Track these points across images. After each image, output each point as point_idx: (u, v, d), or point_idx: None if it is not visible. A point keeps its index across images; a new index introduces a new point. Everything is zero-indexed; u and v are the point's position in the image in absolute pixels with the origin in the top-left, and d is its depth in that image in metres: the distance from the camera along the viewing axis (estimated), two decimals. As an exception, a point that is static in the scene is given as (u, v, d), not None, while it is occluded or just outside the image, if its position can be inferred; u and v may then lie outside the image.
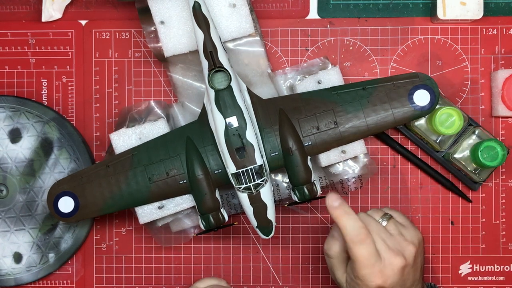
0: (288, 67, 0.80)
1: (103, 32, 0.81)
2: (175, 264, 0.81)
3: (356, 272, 0.65)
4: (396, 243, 0.67)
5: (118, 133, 0.75)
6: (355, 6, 0.81)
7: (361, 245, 0.64)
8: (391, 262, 0.65)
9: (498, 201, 0.81)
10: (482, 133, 0.78)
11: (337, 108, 0.73)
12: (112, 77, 0.81)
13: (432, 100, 0.73)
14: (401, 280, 0.66)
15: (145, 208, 0.74)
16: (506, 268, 0.81)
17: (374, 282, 0.65)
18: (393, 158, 0.81)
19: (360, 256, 0.64)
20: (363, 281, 0.65)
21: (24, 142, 0.79)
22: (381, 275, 0.65)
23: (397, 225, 0.69)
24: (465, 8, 0.77)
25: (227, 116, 0.70)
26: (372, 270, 0.65)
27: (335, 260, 0.69)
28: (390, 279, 0.65)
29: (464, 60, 0.80)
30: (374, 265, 0.65)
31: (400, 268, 0.65)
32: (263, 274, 0.81)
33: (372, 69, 0.81)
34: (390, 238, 0.67)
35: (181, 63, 0.78)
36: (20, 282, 0.80)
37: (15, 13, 0.81)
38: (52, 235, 0.80)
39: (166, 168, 0.72)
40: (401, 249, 0.66)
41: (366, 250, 0.64)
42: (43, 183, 0.80)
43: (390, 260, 0.65)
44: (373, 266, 0.65)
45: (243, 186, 0.70)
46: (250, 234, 0.81)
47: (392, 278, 0.65)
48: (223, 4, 0.75)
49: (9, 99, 0.79)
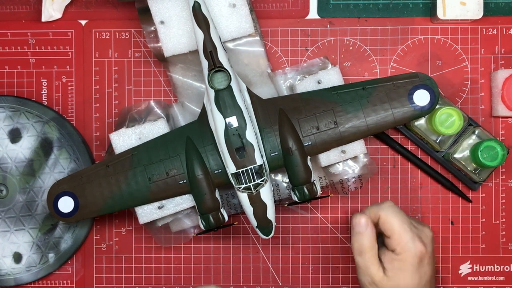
0: (288, 67, 0.80)
1: (103, 32, 0.81)
2: (175, 264, 0.81)
3: (396, 242, 0.70)
4: (418, 230, 0.71)
5: (118, 133, 0.75)
6: (355, 6, 0.81)
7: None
8: (415, 246, 0.70)
9: (498, 201, 0.81)
10: (482, 133, 0.78)
11: (337, 108, 0.73)
12: (112, 77, 0.81)
13: (432, 100, 0.73)
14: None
15: (145, 208, 0.74)
16: (506, 268, 0.81)
17: (417, 247, 0.69)
18: (393, 158, 0.81)
19: (397, 225, 0.70)
20: (405, 250, 0.69)
21: (24, 142, 0.79)
22: (420, 240, 0.70)
23: (409, 216, 0.74)
24: (465, 8, 0.77)
25: (227, 116, 0.70)
26: (411, 235, 0.70)
27: (369, 254, 0.71)
28: (429, 246, 0.71)
29: (464, 60, 0.80)
30: (411, 230, 0.70)
31: (422, 251, 0.70)
32: (263, 274, 0.81)
33: (372, 69, 0.81)
34: (415, 227, 0.72)
35: (181, 63, 0.78)
36: (20, 282, 0.80)
37: (15, 13, 0.81)
38: (52, 235, 0.80)
39: (166, 168, 0.72)
40: (421, 235, 0.71)
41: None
42: (43, 183, 0.80)
43: (416, 244, 0.70)
44: (411, 230, 0.70)
45: (243, 186, 0.70)
46: (250, 234, 0.81)
47: (429, 246, 0.71)
48: (223, 4, 0.75)
49: (9, 99, 0.79)
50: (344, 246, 0.81)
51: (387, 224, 0.71)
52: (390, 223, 0.70)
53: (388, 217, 0.71)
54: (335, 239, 0.81)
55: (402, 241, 0.70)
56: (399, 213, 0.71)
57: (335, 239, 0.81)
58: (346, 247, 0.81)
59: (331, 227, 0.81)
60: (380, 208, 0.71)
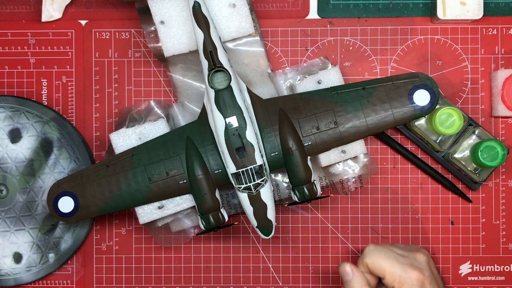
0: (288, 67, 0.80)
1: (103, 32, 0.81)
2: (175, 264, 0.81)
3: (391, 279, 0.71)
4: (409, 259, 0.72)
5: (118, 133, 0.75)
6: (355, 6, 0.81)
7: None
8: (410, 276, 0.70)
9: (498, 201, 0.81)
10: (482, 133, 0.78)
11: (337, 108, 0.73)
12: (112, 77, 0.81)
13: (432, 100, 0.73)
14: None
15: (145, 208, 0.74)
16: (506, 268, 0.81)
17: (412, 276, 0.70)
18: (393, 158, 0.81)
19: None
20: (402, 283, 0.70)
21: (24, 142, 0.79)
22: (413, 268, 0.71)
23: (399, 245, 0.76)
24: (465, 8, 0.78)
25: (227, 116, 0.70)
26: (402, 267, 0.71)
27: None
28: (425, 270, 0.72)
29: (464, 60, 0.80)
30: (401, 263, 0.71)
31: (418, 278, 0.71)
32: (263, 274, 0.81)
33: (372, 69, 0.81)
34: (403, 257, 0.72)
35: (181, 63, 0.78)
36: (20, 282, 0.80)
37: (15, 13, 0.81)
38: (52, 235, 0.80)
39: (166, 168, 0.72)
40: (414, 262, 0.72)
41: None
42: (43, 183, 0.80)
43: (410, 274, 0.70)
44: (401, 263, 0.71)
45: (243, 186, 0.70)
46: (250, 234, 0.81)
47: (426, 270, 0.72)
48: (223, 4, 0.75)
49: (9, 99, 0.79)
50: (344, 246, 0.81)
51: (376, 268, 0.71)
52: (378, 265, 0.71)
53: (374, 261, 0.71)
54: (335, 239, 0.81)
55: (396, 277, 0.70)
56: (383, 252, 0.72)
57: (335, 239, 0.81)
58: (346, 247, 0.81)
59: (331, 227, 0.81)
60: (364, 256, 0.72)
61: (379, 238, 0.81)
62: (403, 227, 0.81)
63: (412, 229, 0.81)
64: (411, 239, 0.81)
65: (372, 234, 0.81)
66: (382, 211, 0.81)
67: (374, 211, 0.81)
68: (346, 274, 0.72)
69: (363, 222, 0.81)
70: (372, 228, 0.81)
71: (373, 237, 0.81)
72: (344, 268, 0.72)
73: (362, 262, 0.72)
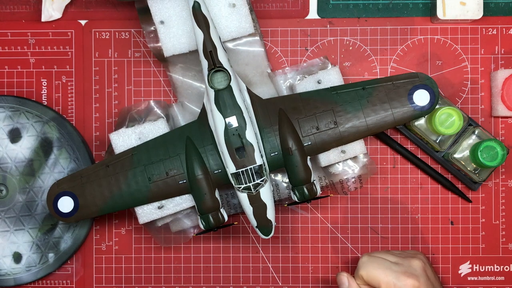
0: (288, 67, 0.80)
1: (103, 32, 0.81)
2: (175, 264, 0.81)
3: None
4: (403, 267, 0.72)
5: (117, 133, 0.75)
6: (355, 6, 0.81)
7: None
8: (405, 284, 0.70)
9: (498, 201, 0.81)
10: (482, 133, 0.78)
11: (336, 108, 0.73)
12: (112, 77, 0.81)
13: (432, 100, 0.73)
14: None
15: (145, 208, 0.74)
16: (506, 268, 0.81)
17: (408, 284, 0.70)
18: (393, 158, 0.81)
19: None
20: None
21: (24, 142, 0.79)
22: (408, 275, 0.71)
23: (394, 252, 0.75)
24: (465, 8, 0.78)
25: (227, 116, 0.70)
26: (397, 275, 0.71)
27: None
28: (421, 277, 0.71)
29: (464, 60, 0.80)
30: (395, 272, 0.71)
31: (414, 285, 0.71)
32: (263, 274, 0.81)
33: (372, 69, 0.81)
34: (397, 265, 0.71)
35: (181, 63, 0.78)
36: (20, 282, 0.80)
37: (15, 13, 0.81)
38: (52, 235, 0.80)
39: (166, 168, 0.72)
40: (409, 269, 0.71)
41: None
42: (43, 183, 0.80)
43: (405, 282, 0.70)
44: (395, 272, 0.71)
45: (242, 186, 0.70)
46: (250, 234, 0.81)
47: (422, 277, 0.71)
48: (223, 4, 0.75)
49: (9, 99, 0.79)
50: (344, 246, 0.81)
51: (371, 279, 0.72)
52: (373, 276, 0.71)
53: (369, 272, 0.72)
54: (335, 239, 0.81)
55: (391, 286, 0.71)
56: (376, 262, 0.72)
57: (335, 239, 0.81)
58: (346, 247, 0.81)
59: (331, 227, 0.81)
60: (358, 269, 0.73)
61: (379, 238, 0.81)
62: (403, 227, 0.81)
63: (412, 229, 0.81)
64: (411, 239, 0.81)
65: (372, 234, 0.81)
66: (382, 211, 0.81)
67: (373, 211, 0.81)
68: (343, 285, 0.73)
69: (363, 222, 0.81)
70: (372, 228, 0.81)
71: (373, 237, 0.81)
72: (341, 278, 0.73)
73: (357, 275, 0.73)
